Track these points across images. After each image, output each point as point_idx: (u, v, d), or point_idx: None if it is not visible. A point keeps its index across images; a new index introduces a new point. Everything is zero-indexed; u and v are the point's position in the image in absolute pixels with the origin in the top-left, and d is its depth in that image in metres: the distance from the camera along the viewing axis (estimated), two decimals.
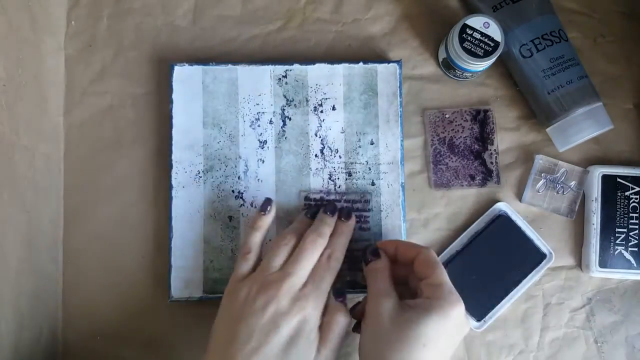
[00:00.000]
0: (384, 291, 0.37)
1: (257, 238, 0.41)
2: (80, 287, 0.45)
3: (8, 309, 0.39)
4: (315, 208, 0.43)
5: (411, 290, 0.39)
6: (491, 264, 0.45)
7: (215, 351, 0.36)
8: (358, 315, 0.39)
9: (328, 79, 0.46)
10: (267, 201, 0.42)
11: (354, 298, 0.41)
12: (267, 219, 0.41)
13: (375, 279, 0.38)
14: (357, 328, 0.39)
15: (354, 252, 0.43)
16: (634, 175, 0.45)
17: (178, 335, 0.45)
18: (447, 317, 0.34)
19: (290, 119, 0.45)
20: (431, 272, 0.37)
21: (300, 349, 0.35)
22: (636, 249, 0.45)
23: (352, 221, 0.42)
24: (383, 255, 0.40)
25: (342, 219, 0.41)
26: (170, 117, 0.45)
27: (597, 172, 0.45)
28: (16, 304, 0.40)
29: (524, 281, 0.45)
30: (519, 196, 0.47)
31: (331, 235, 0.40)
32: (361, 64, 0.46)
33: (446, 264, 0.45)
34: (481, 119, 0.47)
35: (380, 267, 0.39)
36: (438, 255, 0.46)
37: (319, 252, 0.39)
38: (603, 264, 0.45)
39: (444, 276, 0.36)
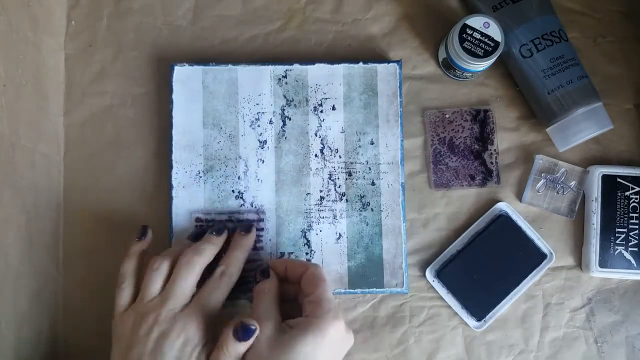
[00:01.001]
0: (265, 314, 0.37)
1: (129, 266, 0.40)
2: (81, 287, 0.45)
3: (8, 309, 0.39)
4: (199, 230, 0.43)
5: (298, 308, 0.39)
6: (491, 263, 0.45)
7: None
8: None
9: (328, 79, 0.46)
10: (144, 228, 0.41)
11: None
12: (140, 246, 0.41)
13: (259, 300, 0.38)
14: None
15: (247, 272, 0.42)
16: (634, 175, 0.45)
17: None
18: (323, 335, 0.34)
19: (290, 119, 0.45)
20: (314, 289, 0.37)
21: None
22: (636, 249, 0.45)
23: (252, 235, 0.42)
24: (272, 275, 0.40)
25: (242, 232, 0.42)
26: (171, 117, 0.45)
27: (597, 172, 0.45)
28: (16, 304, 0.40)
29: (524, 281, 0.45)
30: (519, 196, 0.47)
31: (228, 250, 0.41)
32: (361, 64, 0.46)
33: (446, 263, 0.45)
34: (481, 119, 0.47)
35: (266, 288, 0.39)
36: (438, 255, 0.46)
37: (197, 271, 0.38)
38: (603, 264, 0.45)
39: (326, 293, 0.37)
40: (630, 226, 0.45)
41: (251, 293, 0.40)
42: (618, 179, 0.45)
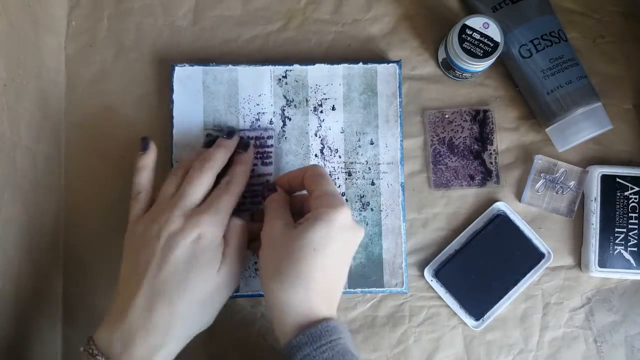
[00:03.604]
0: (277, 215, 0.38)
1: (142, 177, 0.40)
2: (82, 287, 0.45)
3: (10, 309, 0.39)
4: (212, 137, 0.43)
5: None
6: (490, 263, 0.45)
7: (123, 284, 0.37)
8: (253, 234, 0.40)
9: (328, 79, 0.46)
10: (144, 139, 0.41)
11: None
12: (149, 157, 0.41)
13: (271, 208, 0.39)
14: (255, 249, 0.40)
15: (255, 186, 0.44)
16: (633, 175, 0.45)
17: None
18: (332, 221, 0.35)
19: (290, 119, 0.45)
20: (316, 186, 0.37)
21: (201, 265, 0.36)
22: (635, 249, 0.45)
23: (250, 152, 0.43)
24: (279, 189, 0.40)
25: (240, 150, 0.42)
26: (171, 117, 0.45)
27: (597, 172, 0.46)
28: (18, 304, 0.40)
29: (523, 280, 0.45)
30: (519, 196, 0.47)
31: (231, 166, 0.41)
32: (361, 64, 0.46)
33: (445, 263, 0.45)
34: (481, 119, 0.47)
35: (275, 198, 0.39)
36: (436, 254, 0.46)
37: (211, 173, 0.39)
38: (602, 263, 0.45)
39: (329, 186, 0.37)
40: (630, 226, 0.45)
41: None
42: (617, 179, 0.45)
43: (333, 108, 0.46)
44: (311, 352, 0.32)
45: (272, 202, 0.39)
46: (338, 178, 0.45)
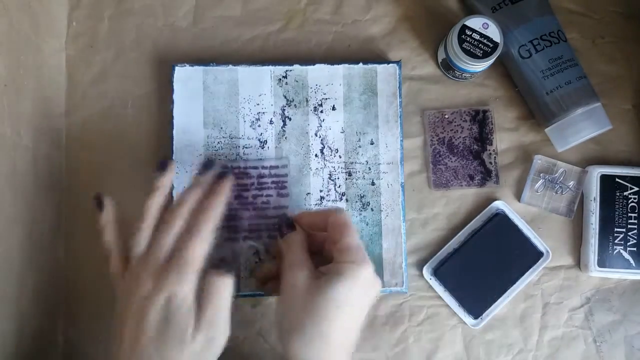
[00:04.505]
0: (298, 262, 0.36)
1: (107, 235, 0.37)
2: (82, 287, 0.45)
3: (10, 309, 0.39)
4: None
5: (327, 258, 0.38)
6: (488, 262, 0.45)
7: (113, 339, 0.35)
8: (263, 276, 0.40)
9: (328, 80, 0.46)
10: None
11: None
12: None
13: (290, 250, 0.37)
14: (267, 290, 0.40)
15: (271, 219, 0.43)
16: (633, 175, 0.46)
17: None
18: (356, 278, 0.35)
19: (290, 119, 0.46)
20: (340, 236, 0.36)
21: (174, 328, 0.33)
22: (635, 249, 0.45)
23: (228, 181, 0.38)
24: (298, 227, 0.39)
25: (218, 180, 0.38)
26: (171, 117, 0.45)
27: (596, 172, 0.46)
28: (18, 304, 0.40)
29: (521, 279, 0.45)
30: (518, 196, 0.47)
31: (203, 198, 0.38)
32: (361, 64, 0.46)
33: (443, 262, 0.45)
34: (480, 120, 0.47)
35: (296, 240, 0.38)
36: (435, 254, 0.46)
37: (180, 221, 0.36)
38: (602, 263, 0.45)
39: (352, 239, 0.36)
40: (629, 226, 0.45)
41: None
42: (617, 179, 0.46)
43: (333, 108, 0.46)
44: None
45: (293, 245, 0.37)
46: (338, 178, 0.45)
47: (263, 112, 0.46)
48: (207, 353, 0.34)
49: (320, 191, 0.45)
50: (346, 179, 0.45)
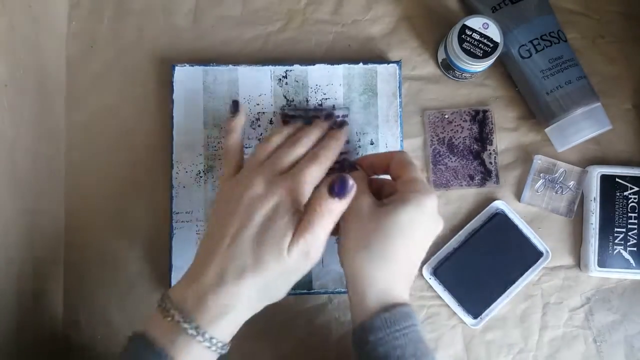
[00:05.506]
0: (362, 191, 0.37)
1: (231, 139, 0.40)
2: (82, 287, 0.45)
3: (10, 309, 0.39)
4: (288, 115, 0.44)
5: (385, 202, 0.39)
6: (488, 261, 0.45)
7: (204, 244, 0.36)
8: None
9: (328, 80, 0.46)
10: (235, 102, 0.41)
11: None
12: (238, 120, 0.40)
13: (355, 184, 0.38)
14: (334, 232, 0.39)
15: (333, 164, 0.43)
16: (633, 175, 0.46)
17: None
18: (421, 206, 0.35)
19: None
20: (405, 171, 0.37)
21: (274, 232, 0.34)
22: (635, 249, 0.45)
23: (345, 131, 0.42)
24: (360, 169, 0.41)
25: (336, 127, 0.42)
26: (171, 117, 0.45)
27: (596, 172, 0.46)
28: (18, 304, 0.40)
29: (521, 279, 0.45)
30: (518, 196, 0.47)
31: (322, 139, 0.41)
32: (361, 64, 0.46)
33: (443, 261, 0.45)
34: (480, 119, 0.47)
35: (357, 175, 0.39)
36: (435, 254, 0.46)
37: (302, 148, 0.39)
38: (602, 263, 0.45)
39: (418, 173, 0.37)
40: (629, 226, 0.45)
41: None
42: (617, 179, 0.46)
43: (333, 108, 0.46)
44: (384, 336, 0.33)
45: (357, 179, 0.37)
46: None
47: (263, 112, 0.46)
48: (302, 264, 0.35)
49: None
50: None
